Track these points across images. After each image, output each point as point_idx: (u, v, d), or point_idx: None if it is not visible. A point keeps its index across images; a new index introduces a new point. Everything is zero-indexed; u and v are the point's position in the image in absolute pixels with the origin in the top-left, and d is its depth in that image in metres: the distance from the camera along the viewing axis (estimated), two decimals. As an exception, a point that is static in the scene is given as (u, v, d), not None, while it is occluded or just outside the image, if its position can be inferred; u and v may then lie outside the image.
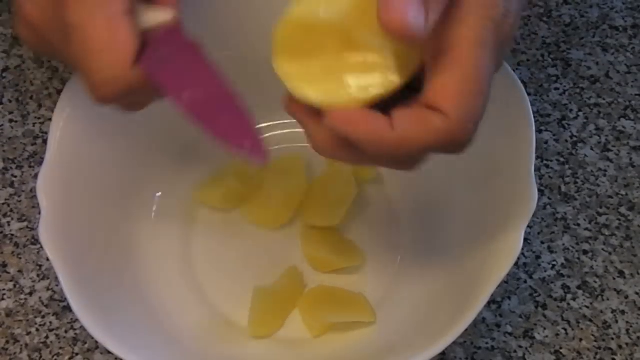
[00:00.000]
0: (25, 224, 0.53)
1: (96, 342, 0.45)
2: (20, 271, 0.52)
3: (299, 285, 0.50)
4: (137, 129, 0.51)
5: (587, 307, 0.51)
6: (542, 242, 0.53)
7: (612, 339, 0.50)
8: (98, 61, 0.35)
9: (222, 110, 0.35)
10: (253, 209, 0.53)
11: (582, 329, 0.50)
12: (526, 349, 0.49)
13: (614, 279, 0.52)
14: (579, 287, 0.52)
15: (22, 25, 0.39)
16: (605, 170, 0.56)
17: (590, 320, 0.51)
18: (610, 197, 0.55)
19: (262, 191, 0.53)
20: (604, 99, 0.59)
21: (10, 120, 0.57)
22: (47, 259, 0.50)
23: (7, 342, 0.49)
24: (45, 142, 0.47)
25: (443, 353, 0.46)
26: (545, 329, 0.50)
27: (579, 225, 0.54)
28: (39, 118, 0.57)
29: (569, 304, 0.51)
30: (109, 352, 0.41)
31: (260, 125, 0.56)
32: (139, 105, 0.39)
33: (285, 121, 0.55)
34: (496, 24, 0.34)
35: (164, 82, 0.35)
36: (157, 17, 0.38)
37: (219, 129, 0.34)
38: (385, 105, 0.35)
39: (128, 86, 0.35)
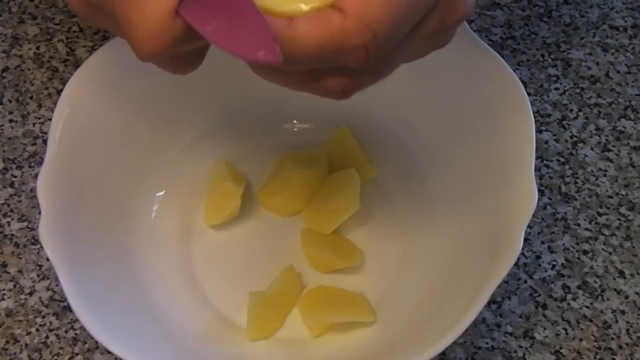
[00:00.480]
0: (25, 224, 0.53)
1: (96, 342, 0.45)
2: (20, 271, 0.52)
3: (297, 285, 0.50)
4: (137, 129, 0.51)
5: (587, 307, 0.51)
6: (542, 242, 0.53)
7: (612, 339, 0.50)
8: (139, 15, 0.34)
9: (241, 29, 0.33)
10: (268, 194, 0.53)
11: (582, 329, 0.50)
12: (526, 349, 0.49)
13: (614, 279, 0.52)
14: (579, 287, 0.52)
15: None
16: (606, 170, 0.56)
17: (591, 320, 0.51)
18: (611, 197, 0.55)
19: (280, 178, 0.53)
20: (604, 99, 0.59)
21: (10, 120, 0.57)
22: (47, 259, 0.50)
23: (7, 342, 0.49)
24: (45, 142, 0.48)
25: (443, 353, 0.46)
26: (545, 329, 0.50)
27: (579, 225, 0.54)
28: (39, 118, 0.57)
29: (569, 304, 0.51)
30: (109, 352, 0.41)
31: (260, 125, 0.56)
32: (187, 63, 0.37)
33: (282, 121, 0.55)
34: None
35: (192, 20, 0.34)
36: None
37: (238, 49, 0.32)
38: None
39: (173, 37, 0.34)
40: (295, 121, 0.56)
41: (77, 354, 0.49)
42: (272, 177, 0.54)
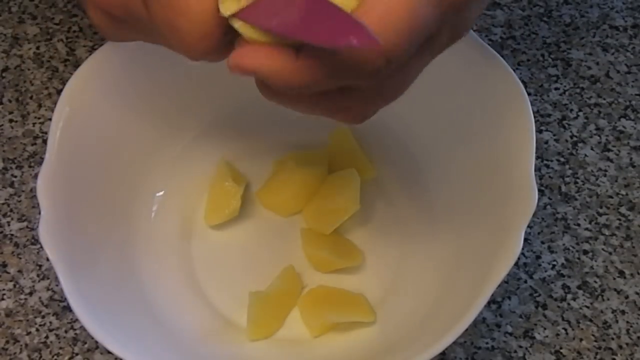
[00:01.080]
0: (25, 223, 0.53)
1: (96, 342, 0.45)
2: (20, 271, 0.52)
3: (297, 285, 0.50)
4: (137, 129, 0.51)
5: (587, 307, 0.51)
6: (542, 242, 0.53)
7: (612, 339, 0.50)
8: (185, 20, 0.34)
9: (317, 18, 0.33)
10: (268, 194, 0.53)
11: (582, 329, 0.50)
12: (526, 348, 0.49)
13: (614, 278, 0.52)
14: (579, 287, 0.52)
15: (95, 12, 0.38)
16: (606, 170, 0.56)
17: (591, 320, 0.51)
18: (611, 197, 0.55)
19: (280, 178, 0.53)
20: (604, 99, 0.59)
21: (10, 120, 0.57)
22: (47, 259, 0.50)
23: (7, 342, 0.49)
24: (45, 142, 0.47)
25: (443, 353, 0.46)
26: (545, 328, 0.50)
27: (579, 225, 0.54)
28: (39, 118, 0.57)
29: (569, 304, 0.51)
30: (109, 352, 0.41)
31: (260, 125, 0.56)
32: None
33: (282, 122, 0.55)
34: None
35: (251, 19, 0.34)
36: None
37: (322, 38, 0.32)
38: None
39: (220, 35, 0.34)
40: (295, 121, 0.56)
41: (77, 354, 0.49)
42: (272, 177, 0.54)
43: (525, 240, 0.48)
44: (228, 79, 0.53)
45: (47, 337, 0.49)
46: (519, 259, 0.46)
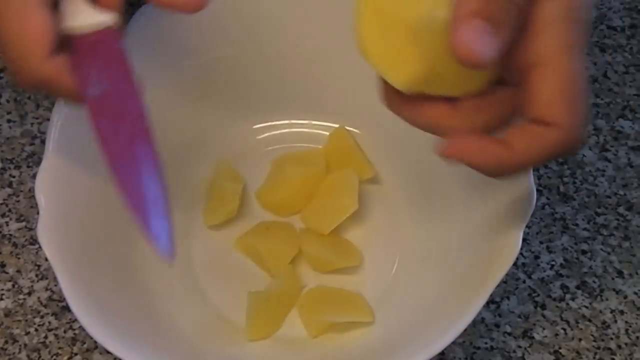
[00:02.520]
0: (23, 224, 0.53)
1: (95, 342, 0.45)
2: (18, 271, 0.52)
3: (296, 285, 0.50)
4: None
5: (586, 307, 0.51)
6: (541, 242, 0.53)
7: (611, 338, 0.50)
8: (12, 51, 0.36)
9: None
10: (267, 194, 0.53)
11: (581, 328, 0.50)
12: (525, 348, 0.49)
13: (613, 278, 0.52)
14: (577, 287, 0.52)
15: None
16: (604, 170, 0.56)
17: (589, 320, 0.51)
18: (609, 197, 0.55)
19: (279, 178, 0.53)
20: (601, 99, 0.60)
21: (8, 120, 0.57)
22: (46, 259, 0.50)
23: (6, 342, 0.49)
24: (43, 142, 0.47)
25: (442, 353, 0.46)
26: (544, 328, 0.50)
27: (577, 225, 0.54)
28: (37, 118, 0.57)
29: (567, 304, 0.51)
30: (108, 352, 0.41)
31: (258, 126, 0.56)
32: (67, 97, 0.39)
33: (281, 122, 0.56)
34: (578, 21, 0.35)
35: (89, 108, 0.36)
36: (95, 18, 0.37)
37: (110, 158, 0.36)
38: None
39: (40, 78, 0.36)
40: (294, 121, 0.56)
41: (76, 354, 0.49)
42: (271, 177, 0.53)
43: (524, 240, 0.48)
44: (228, 80, 0.53)
45: (46, 337, 0.49)
46: (517, 259, 0.46)
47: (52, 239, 0.43)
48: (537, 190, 0.45)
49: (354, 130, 0.55)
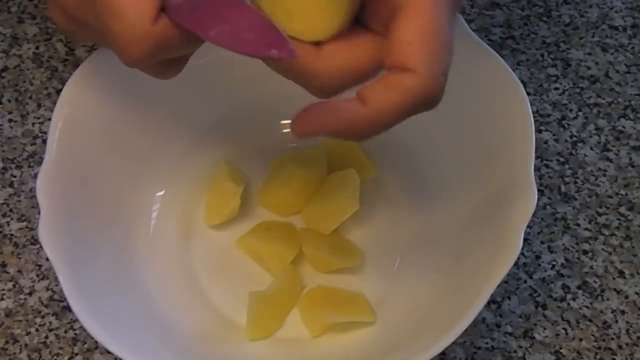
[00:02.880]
0: (24, 223, 0.53)
1: (96, 342, 0.45)
2: (19, 271, 0.52)
3: (297, 285, 0.50)
4: (137, 128, 0.51)
5: (587, 307, 0.51)
6: (542, 242, 0.53)
7: (612, 339, 0.50)
8: (120, 24, 0.34)
9: (247, 31, 0.34)
10: (267, 194, 0.53)
11: (582, 329, 0.50)
12: (526, 349, 0.49)
13: (614, 278, 0.52)
14: (578, 287, 0.52)
15: (55, 9, 0.39)
16: (605, 170, 0.56)
17: (590, 320, 0.51)
18: (610, 197, 0.55)
19: (280, 178, 0.53)
20: (603, 99, 0.59)
21: (10, 120, 0.57)
22: (47, 259, 0.50)
23: (7, 342, 0.49)
24: (44, 142, 0.47)
25: (443, 353, 0.46)
26: (545, 329, 0.50)
27: (578, 225, 0.54)
28: (38, 118, 0.57)
29: (568, 304, 0.51)
30: (109, 352, 0.41)
31: (259, 126, 0.56)
32: (172, 67, 0.38)
33: (282, 121, 0.56)
34: None
35: (191, 25, 0.35)
36: None
37: (246, 49, 0.33)
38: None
39: (154, 43, 0.35)
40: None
41: (76, 354, 0.49)
42: (272, 177, 0.53)
43: (525, 240, 0.48)
44: (228, 79, 0.53)
45: (46, 337, 0.49)
46: (518, 259, 0.46)
47: (53, 239, 0.43)
48: (538, 190, 0.45)
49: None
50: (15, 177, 0.55)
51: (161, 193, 0.53)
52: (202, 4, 0.35)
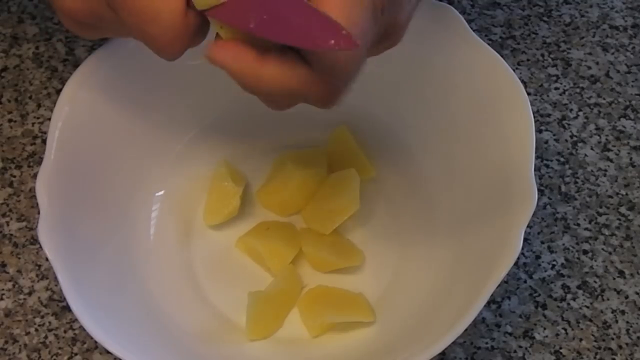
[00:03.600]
0: (24, 223, 0.53)
1: (95, 342, 0.45)
2: (19, 271, 0.52)
3: (297, 285, 0.50)
4: (137, 128, 0.51)
5: (587, 307, 0.51)
6: (542, 242, 0.53)
7: (612, 339, 0.50)
8: (156, 27, 0.35)
9: (294, 19, 0.33)
10: (267, 193, 0.53)
11: (582, 328, 0.50)
12: (526, 348, 0.49)
13: (614, 278, 0.52)
14: (578, 287, 0.52)
15: (66, 19, 0.39)
16: (605, 170, 0.56)
17: (590, 320, 0.51)
18: (610, 196, 0.55)
19: (279, 177, 0.53)
20: (604, 99, 0.59)
21: (9, 120, 0.57)
22: (46, 259, 0.50)
23: (6, 342, 0.49)
24: (44, 141, 0.47)
25: (443, 353, 0.46)
26: (545, 328, 0.50)
27: (578, 225, 0.54)
28: (38, 118, 0.57)
29: (568, 304, 0.51)
30: (108, 352, 0.41)
31: (259, 126, 0.56)
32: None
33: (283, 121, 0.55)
34: None
35: (227, 19, 0.35)
36: None
37: (301, 41, 0.33)
38: None
39: (190, 36, 0.35)
40: (294, 121, 0.56)
41: (76, 354, 0.49)
42: (271, 176, 0.53)
43: (525, 240, 0.48)
44: (228, 79, 0.53)
45: (46, 337, 0.49)
46: (518, 258, 0.46)
47: (52, 239, 0.43)
48: (539, 189, 0.45)
49: (355, 129, 0.55)
50: (14, 177, 0.55)
51: (161, 193, 0.53)
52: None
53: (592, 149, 0.57)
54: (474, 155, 0.49)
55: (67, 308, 0.50)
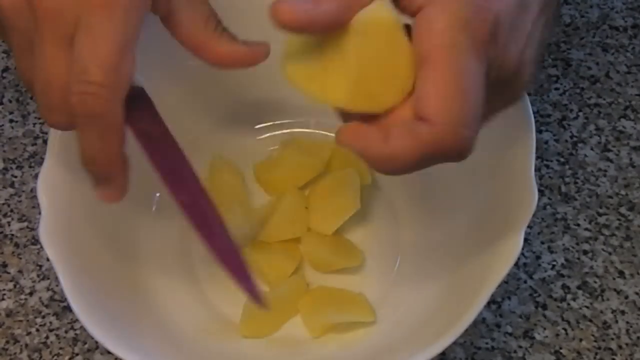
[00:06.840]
0: (25, 224, 0.53)
1: (96, 342, 0.45)
2: (20, 271, 0.52)
3: (300, 290, 0.50)
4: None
5: (587, 307, 0.51)
6: (542, 242, 0.53)
7: (612, 339, 0.50)
8: (39, 93, 0.37)
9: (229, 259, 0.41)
10: (264, 170, 0.53)
11: (582, 329, 0.50)
12: (526, 349, 0.49)
13: (614, 279, 0.52)
14: (578, 287, 0.52)
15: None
16: (605, 171, 0.56)
17: (590, 321, 0.51)
18: (610, 197, 0.55)
19: (279, 157, 0.53)
20: (604, 99, 0.59)
21: (11, 120, 0.57)
22: (47, 259, 0.50)
23: (7, 342, 0.49)
24: (45, 142, 0.48)
25: (443, 353, 0.46)
26: (545, 329, 0.50)
27: (578, 225, 0.54)
28: (39, 118, 0.57)
29: (568, 304, 0.51)
30: (109, 352, 0.41)
31: (260, 126, 0.56)
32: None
33: (283, 121, 0.56)
34: (466, 21, 0.34)
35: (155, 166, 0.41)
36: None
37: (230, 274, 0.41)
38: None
39: (114, 125, 0.39)
40: (294, 121, 0.56)
41: (77, 354, 0.49)
42: (274, 155, 0.54)
43: (525, 240, 0.48)
44: (228, 80, 0.53)
45: (47, 337, 0.49)
46: (518, 259, 0.46)
47: (53, 239, 0.43)
48: (539, 190, 0.45)
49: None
50: (16, 177, 0.55)
51: (160, 194, 0.53)
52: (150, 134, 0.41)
53: (592, 149, 0.57)
54: (473, 155, 0.49)
55: (68, 308, 0.50)
